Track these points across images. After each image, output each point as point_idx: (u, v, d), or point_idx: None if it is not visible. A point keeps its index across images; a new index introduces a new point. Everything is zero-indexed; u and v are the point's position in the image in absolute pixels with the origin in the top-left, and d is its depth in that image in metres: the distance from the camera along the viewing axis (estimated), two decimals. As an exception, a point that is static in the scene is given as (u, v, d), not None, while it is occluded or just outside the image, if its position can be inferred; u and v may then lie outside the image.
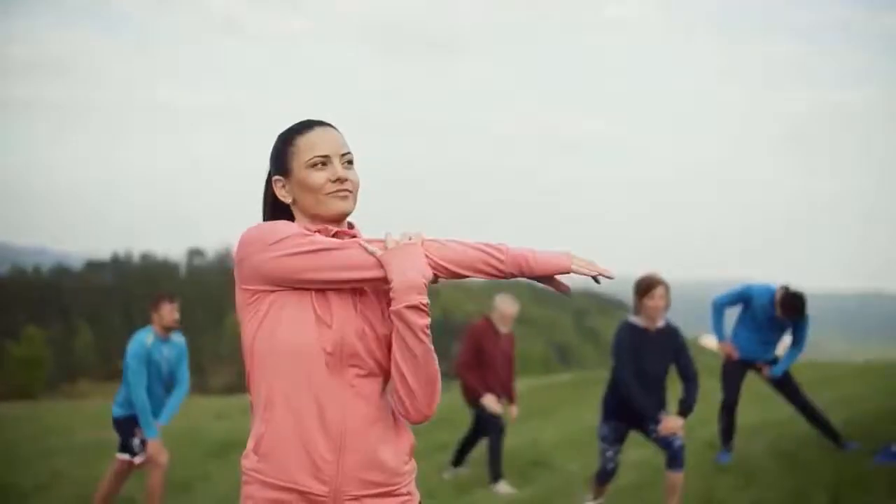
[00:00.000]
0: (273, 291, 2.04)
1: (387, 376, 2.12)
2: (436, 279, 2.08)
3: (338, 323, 2.05)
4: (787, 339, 7.23)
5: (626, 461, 5.79)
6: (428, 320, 2.04)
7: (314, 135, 2.13)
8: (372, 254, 2.04)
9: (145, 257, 77.00)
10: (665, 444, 5.30)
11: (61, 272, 73.84)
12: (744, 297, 6.92)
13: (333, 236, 2.11)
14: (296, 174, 2.12)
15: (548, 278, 2.12)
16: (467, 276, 2.10)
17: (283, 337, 2.03)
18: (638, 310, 5.41)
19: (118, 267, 75.30)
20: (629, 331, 5.41)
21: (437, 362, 2.08)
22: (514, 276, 2.10)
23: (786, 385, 6.98)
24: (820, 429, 6.90)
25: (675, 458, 5.30)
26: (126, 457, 6.12)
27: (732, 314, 7.04)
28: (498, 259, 2.08)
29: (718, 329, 7.01)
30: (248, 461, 2.10)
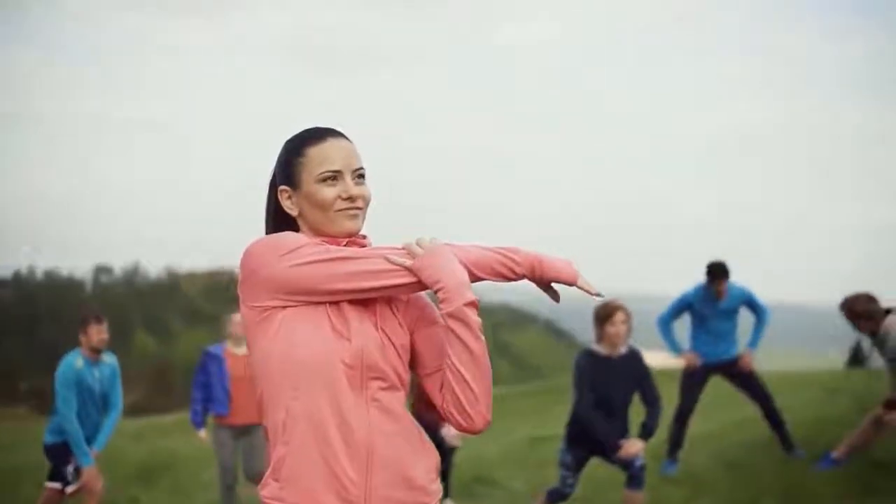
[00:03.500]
0: (286, 307, 1.91)
1: (407, 390, 2.02)
2: None
3: (356, 335, 1.93)
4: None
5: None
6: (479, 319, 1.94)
7: (327, 146, 2.02)
8: (401, 264, 1.93)
9: (49, 274, 74.33)
10: (625, 464, 5.24)
11: (-42, 290, 70.74)
12: (684, 305, 7.01)
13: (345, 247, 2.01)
14: (304, 187, 2.01)
15: (547, 285, 2.08)
16: (484, 279, 2.04)
17: (299, 353, 1.89)
18: (600, 337, 5.30)
19: (20, 284, 72.49)
20: (589, 359, 5.30)
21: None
22: (524, 278, 2.06)
23: (749, 383, 7.03)
24: (776, 431, 6.95)
25: (635, 477, 5.24)
26: (57, 485, 5.77)
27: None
28: (514, 262, 2.03)
29: (672, 343, 7.06)
30: (268, 490, 1.94)
